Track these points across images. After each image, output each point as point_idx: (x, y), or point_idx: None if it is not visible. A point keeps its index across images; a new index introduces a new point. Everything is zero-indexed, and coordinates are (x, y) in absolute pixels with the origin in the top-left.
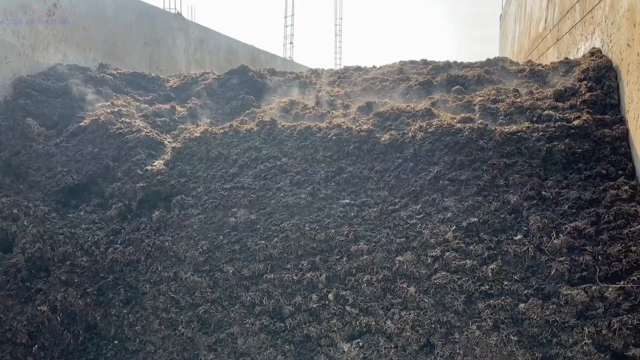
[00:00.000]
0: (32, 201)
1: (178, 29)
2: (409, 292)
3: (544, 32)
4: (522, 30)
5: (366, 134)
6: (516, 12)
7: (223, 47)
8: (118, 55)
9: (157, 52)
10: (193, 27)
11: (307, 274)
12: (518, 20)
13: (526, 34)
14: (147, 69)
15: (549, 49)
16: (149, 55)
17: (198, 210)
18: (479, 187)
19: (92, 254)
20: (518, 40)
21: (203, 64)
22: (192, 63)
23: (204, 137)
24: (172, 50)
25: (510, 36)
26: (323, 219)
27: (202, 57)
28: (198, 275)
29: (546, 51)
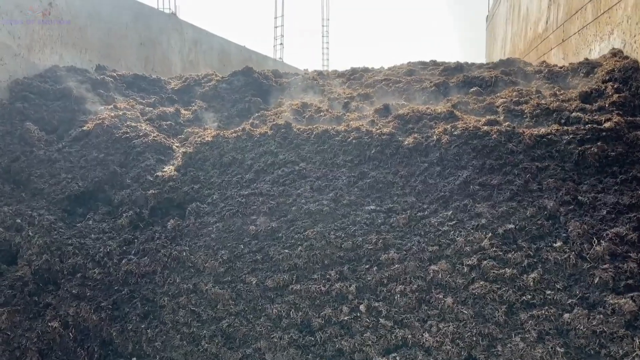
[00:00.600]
0: (35, 210)
1: (173, 30)
2: (446, 303)
3: (545, 33)
4: (515, 32)
5: (388, 137)
6: (507, 14)
7: (216, 48)
8: (114, 57)
9: (153, 53)
10: (187, 28)
11: (336, 285)
12: (510, 22)
13: (521, 35)
14: (143, 70)
15: (552, 49)
16: (145, 57)
17: (215, 218)
18: (512, 192)
19: (105, 265)
20: (511, 41)
21: (197, 66)
22: (186, 64)
23: (216, 142)
24: (167, 51)
25: (501, 37)
26: (348, 226)
27: (197, 58)
28: (219, 286)
29: (548, 52)
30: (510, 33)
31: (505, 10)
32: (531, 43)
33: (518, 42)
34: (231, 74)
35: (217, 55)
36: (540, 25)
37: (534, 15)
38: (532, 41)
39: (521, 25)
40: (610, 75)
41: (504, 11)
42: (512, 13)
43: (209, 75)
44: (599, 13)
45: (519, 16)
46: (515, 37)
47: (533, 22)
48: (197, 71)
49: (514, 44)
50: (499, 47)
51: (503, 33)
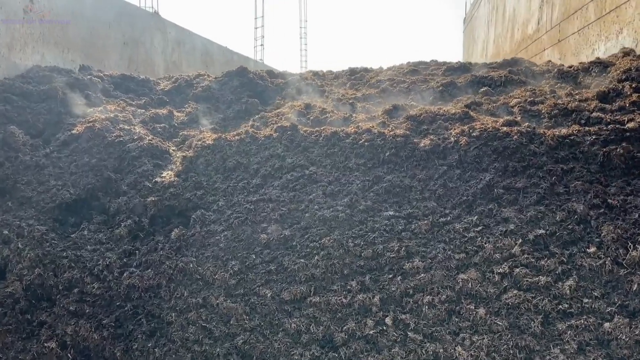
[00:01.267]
0: (24, 220)
1: (156, 29)
2: (478, 314)
3: (537, 34)
4: (499, 33)
5: (402, 139)
6: (489, 16)
7: (199, 49)
8: (96, 57)
9: (136, 54)
10: (170, 28)
11: (358, 296)
12: (493, 23)
13: (506, 36)
14: (127, 71)
15: (546, 50)
16: (128, 57)
17: (222, 227)
18: (538, 196)
19: (105, 279)
20: (494, 43)
21: (180, 66)
22: (169, 65)
23: (218, 145)
24: (150, 51)
25: (482, 39)
26: (367, 233)
27: (180, 59)
28: (231, 300)
29: (541, 52)
30: (493, 35)
31: (487, 12)
32: (519, 44)
33: (503, 44)
34: (225, 74)
35: (200, 56)
36: (530, 26)
37: (522, 16)
38: (520, 42)
39: (506, 26)
40: (627, 75)
41: (484, 13)
42: (495, 15)
43: (201, 76)
44: (603, 12)
45: (503, 18)
46: (500, 38)
47: (521, 23)
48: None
49: (497, 45)
50: (480, 48)
51: (484, 35)
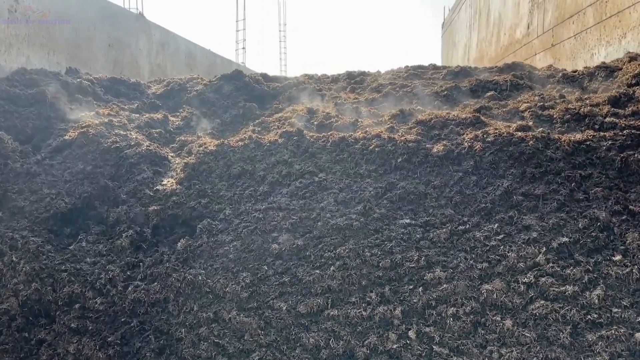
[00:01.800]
0: (17, 231)
1: (140, 31)
2: (505, 325)
3: (527, 38)
4: (483, 37)
5: (414, 145)
6: (471, 20)
7: (183, 51)
8: (82, 59)
9: (122, 56)
10: (155, 30)
11: (379, 309)
12: (475, 28)
13: (491, 40)
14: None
15: (537, 54)
16: (114, 59)
17: (231, 237)
18: (559, 203)
19: (108, 294)
20: (477, 47)
21: (165, 69)
22: (154, 68)
23: (221, 151)
24: (135, 53)
25: (463, 43)
26: (384, 242)
27: (164, 61)
28: (244, 314)
29: (532, 57)
30: (476, 39)
31: (468, 17)
32: (506, 48)
33: (487, 48)
34: (219, 77)
35: (184, 59)
36: (519, 30)
37: (509, 20)
38: (507, 46)
39: (491, 31)
40: (637, 79)
41: (465, 18)
42: (479, 19)
43: (194, 80)
44: (603, 17)
45: (487, 22)
46: (483, 42)
47: (508, 27)
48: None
49: (481, 49)
50: (461, 53)
51: (465, 39)
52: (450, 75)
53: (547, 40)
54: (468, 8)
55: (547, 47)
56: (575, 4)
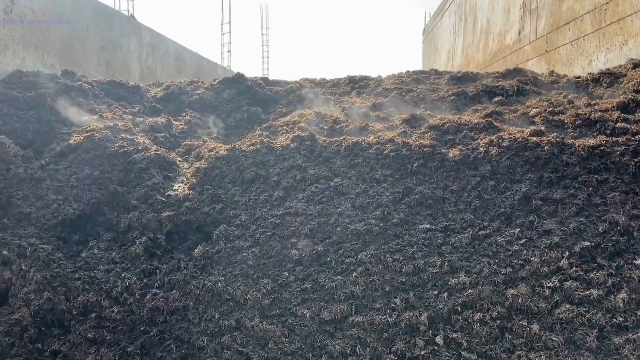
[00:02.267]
0: (24, 238)
1: (132, 33)
2: (532, 330)
3: (518, 44)
4: (469, 43)
5: (430, 150)
6: (455, 26)
7: (172, 54)
8: (75, 61)
9: (114, 58)
10: (145, 32)
11: (404, 314)
12: (460, 34)
13: (478, 46)
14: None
15: (530, 60)
16: (106, 61)
17: (248, 242)
18: (577, 207)
19: (125, 302)
20: (463, 52)
21: (155, 72)
22: (145, 70)
23: (233, 155)
24: (127, 56)
25: (446, 49)
26: (405, 247)
27: (154, 64)
28: (267, 321)
29: (524, 62)
30: (461, 44)
31: (452, 23)
32: (495, 54)
33: (474, 54)
34: (220, 81)
35: (173, 61)
36: (509, 36)
37: (498, 27)
38: (496, 52)
39: (478, 37)
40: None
41: (449, 24)
42: (464, 25)
43: (195, 83)
44: (602, 24)
45: (474, 29)
46: (470, 48)
47: (497, 33)
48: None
49: (467, 55)
50: (444, 58)
51: (449, 45)
52: (453, 80)
53: (541, 46)
54: (452, 14)
55: (541, 53)
56: (571, 11)
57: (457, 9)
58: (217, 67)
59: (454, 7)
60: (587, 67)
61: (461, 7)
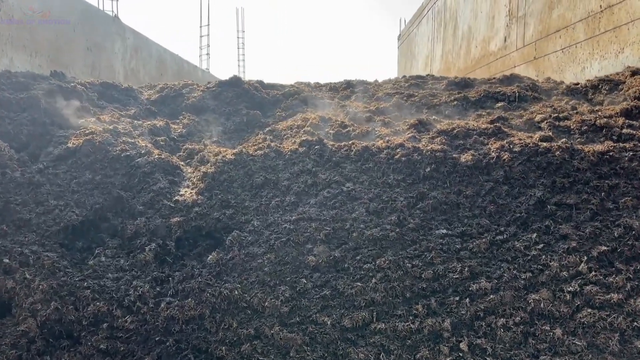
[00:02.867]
0: (26, 246)
1: (116, 35)
2: (555, 334)
3: (503, 51)
4: (449, 50)
5: (442, 155)
6: (434, 32)
7: (154, 56)
8: (63, 62)
9: (99, 60)
10: (129, 33)
11: (427, 321)
12: (439, 40)
13: (459, 52)
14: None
15: (517, 67)
16: (91, 63)
17: (263, 249)
18: (591, 212)
19: (138, 311)
20: (442, 58)
21: (138, 74)
22: (128, 72)
23: (240, 160)
24: (111, 57)
25: (424, 55)
26: (423, 253)
27: (137, 66)
28: (287, 329)
29: (511, 69)
30: (440, 51)
31: (431, 29)
32: (479, 60)
33: (455, 60)
34: (217, 84)
35: (155, 64)
36: (493, 43)
37: (481, 34)
38: (479, 59)
39: (459, 43)
40: None
41: (427, 30)
42: (444, 31)
43: (190, 86)
44: (597, 32)
45: (454, 35)
46: (450, 54)
47: (481, 40)
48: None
49: (447, 61)
50: (421, 64)
51: (427, 51)
52: (452, 86)
53: (529, 53)
54: (430, 21)
55: (529, 59)
56: (562, 19)
57: (436, 16)
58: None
59: (433, 13)
60: (580, 74)
61: (440, 14)
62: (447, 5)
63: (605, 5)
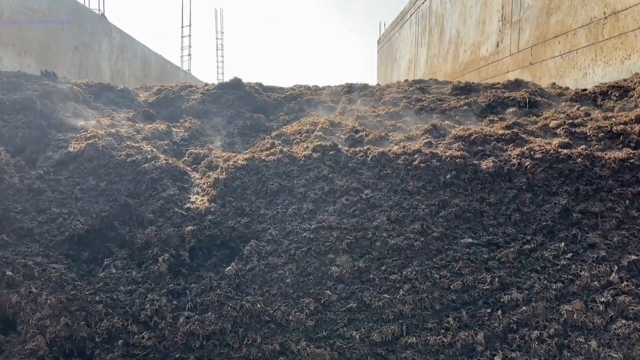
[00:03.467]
0: (30, 257)
1: (103, 34)
2: (590, 346)
3: (495, 56)
4: (435, 54)
5: (462, 161)
6: (418, 37)
7: (139, 57)
8: (51, 61)
9: (86, 60)
10: (115, 33)
11: (459, 334)
12: (424, 44)
13: (446, 57)
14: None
15: (510, 72)
16: (79, 63)
17: (283, 259)
18: (617, 220)
19: (156, 326)
20: (427, 62)
21: (123, 75)
22: (114, 73)
23: (252, 166)
24: (98, 57)
25: (407, 59)
26: (450, 263)
27: (123, 67)
28: (314, 344)
29: (504, 74)
30: (424, 55)
31: (414, 33)
32: (468, 65)
33: (441, 64)
34: (217, 86)
35: (140, 64)
36: (484, 48)
37: (471, 38)
38: (469, 63)
39: (446, 47)
40: None
41: (409, 34)
42: (429, 36)
43: (188, 88)
44: (600, 39)
45: (440, 39)
46: (436, 58)
47: (470, 44)
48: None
49: (432, 65)
50: (404, 68)
51: (411, 55)
52: (457, 90)
53: (525, 58)
54: (414, 25)
55: (524, 65)
56: (561, 25)
57: (420, 20)
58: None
59: (416, 17)
60: (582, 80)
61: (425, 19)
62: (432, 9)
63: (609, 12)
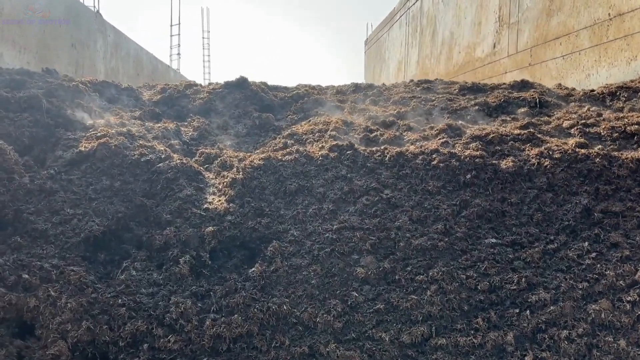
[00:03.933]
0: (46, 259)
1: (98, 32)
2: (619, 345)
3: (492, 57)
4: (427, 55)
5: (481, 161)
6: (408, 37)
7: (132, 55)
8: (49, 59)
9: (82, 57)
10: (110, 31)
11: (489, 335)
12: (414, 45)
13: (439, 58)
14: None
15: (508, 73)
16: (75, 61)
17: (307, 260)
18: (638, 220)
19: (182, 330)
20: (419, 63)
21: (117, 73)
22: (109, 71)
23: (270, 165)
24: (93, 55)
25: (397, 59)
26: (476, 263)
27: (117, 65)
28: (343, 347)
29: (502, 75)
30: (416, 56)
31: (404, 33)
32: (463, 66)
33: (434, 65)
34: (223, 85)
35: (133, 63)
36: (480, 49)
37: (465, 39)
38: (464, 64)
39: (439, 48)
40: None
41: (399, 35)
42: (420, 37)
43: (194, 87)
44: (604, 40)
45: (433, 40)
46: (428, 59)
47: (465, 46)
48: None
49: (424, 66)
50: (394, 69)
51: (401, 56)
52: (464, 90)
53: (523, 59)
54: (404, 26)
55: (523, 66)
56: (563, 26)
57: (411, 21)
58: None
59: (407, 18)
60: (585, 81)
61: (416, 19)
62: (423, 10)
63: (614, 14)
